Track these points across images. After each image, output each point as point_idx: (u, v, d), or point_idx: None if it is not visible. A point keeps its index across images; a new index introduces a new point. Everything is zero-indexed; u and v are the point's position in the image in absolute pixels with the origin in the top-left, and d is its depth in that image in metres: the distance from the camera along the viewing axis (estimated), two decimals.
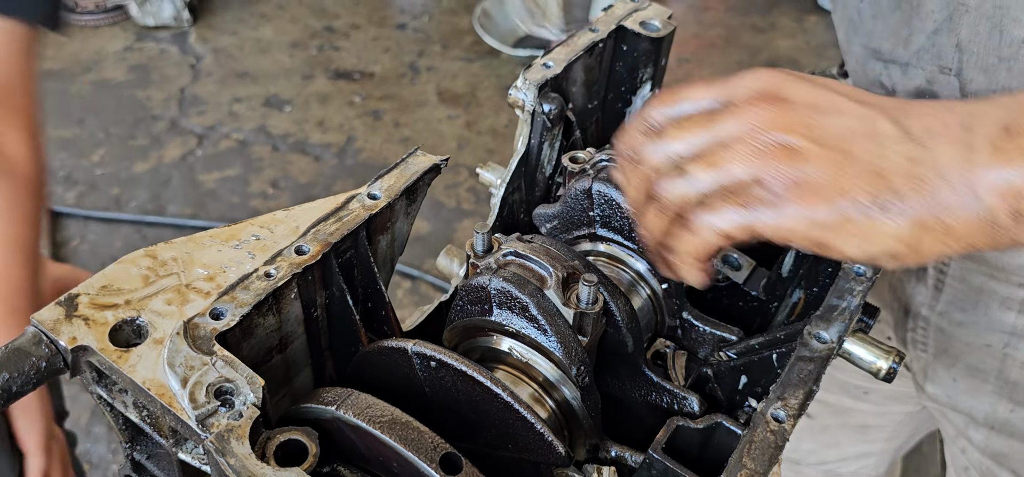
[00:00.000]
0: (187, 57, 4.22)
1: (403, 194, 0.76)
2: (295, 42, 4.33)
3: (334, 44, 4.33)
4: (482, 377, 0.60)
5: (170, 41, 4.33)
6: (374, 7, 4.64)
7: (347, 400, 0.59)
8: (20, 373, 0.60)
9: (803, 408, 0.64)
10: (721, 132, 0.62)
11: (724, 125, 0.62)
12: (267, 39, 4.35)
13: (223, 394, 0.58)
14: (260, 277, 0.67)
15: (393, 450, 0.56)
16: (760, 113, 0.61)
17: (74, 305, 0.64)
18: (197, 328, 0.62)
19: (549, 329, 0.66)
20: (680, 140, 0.63)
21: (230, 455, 0.55)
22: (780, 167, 0.60)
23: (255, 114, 3.79)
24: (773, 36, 4.35)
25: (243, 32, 4.40)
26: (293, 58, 4.21)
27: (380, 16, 4.57)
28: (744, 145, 0.61)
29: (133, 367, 0.60)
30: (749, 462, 0.60)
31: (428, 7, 4.63)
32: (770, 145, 0.60)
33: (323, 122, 3.79)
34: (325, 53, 4.26)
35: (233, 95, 3.91)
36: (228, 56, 4.22)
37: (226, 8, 4.61)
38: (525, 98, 0.90)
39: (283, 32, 4.41)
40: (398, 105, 3.90)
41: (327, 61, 4.19)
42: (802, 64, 4.03)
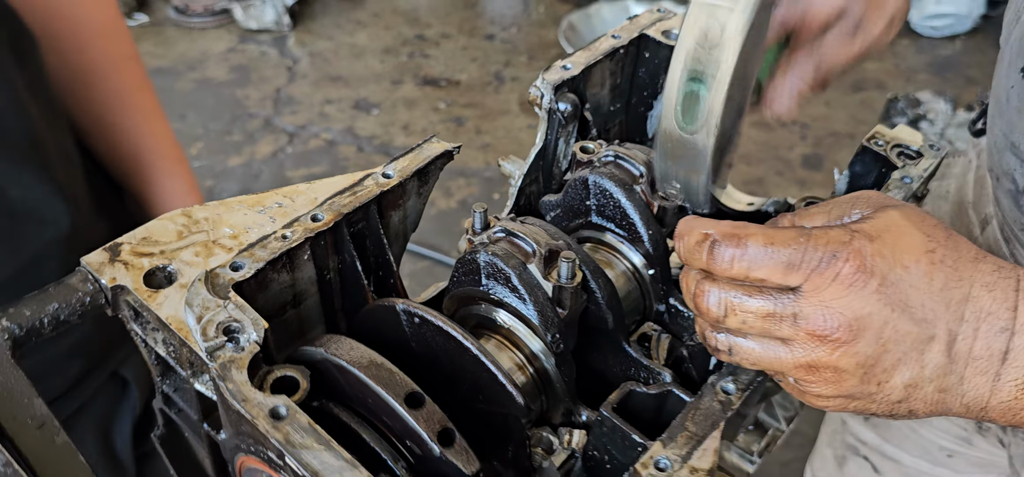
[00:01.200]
0: (285, 59, 4.44)
1: (415, 175, 0.84)
2: (387, 48, 4.50)
3: (424, 52, 4.48)
4: (455, 331, 0.67)
5: (270, 44, 4.57)
6: (465, 18, 4.79)
7: (334, 343, 0.67)
8: (68, 305, 0.71)
9: (753, 385, 0.68)
10: (783, 328, 0.62)
11: (785, 319, 0.61)
12: (361, 45, 4.54)
13: (230, 331, 0.67)
14: (277, 238, 0.76)
15: (368, 388, 0.64)
16: (824, 337, 0.61)
17: (117, 252, 0.74)
18: (217, 277, 0.72)
19: (528, 298, 0.73)
20: (737, 315, 0.63)
21: (230, 381, 0.64)
22: (824, 382, 0.62)
23: (344, 116, 3.96)
24: None
25: (339, 37, 4.61)
26: (384, 64, 4.38)
27: (471, 26, 4.71)
28: (799, 348, 0.61)
29: (160, 305, 0.70)
30: (692, 426, 0.65)
31: (518, 19, 4.74)
32: (824, 366, 0.62)
33: (408, 126, 3.93)
34: (415, 60, 4.41)
35: (325, 97, 4.10)
36: (323, 60, 4.42)
37: (325, 13, 4.83)
38: (543, 96, 0.97)
39: (376, 38, 4.59)
40: (481, 113, 4.01)
41: (416, 68, 4.35)
42: (889, 86, 3.95)
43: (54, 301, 0.70)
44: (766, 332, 0.62)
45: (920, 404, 0.62)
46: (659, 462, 0.62)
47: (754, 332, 0.63)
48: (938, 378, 0.61)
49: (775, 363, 0.63)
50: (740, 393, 0.68)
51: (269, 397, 0.63)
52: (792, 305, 0.61)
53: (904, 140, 0.94)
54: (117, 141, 1.27)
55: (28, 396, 0.66)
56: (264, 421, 0.62)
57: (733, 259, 0.61)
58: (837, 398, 0.63)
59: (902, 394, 0.62)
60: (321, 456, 0.60)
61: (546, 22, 4.63)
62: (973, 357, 0.62)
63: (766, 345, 0.63)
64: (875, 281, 0.60)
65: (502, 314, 0.77)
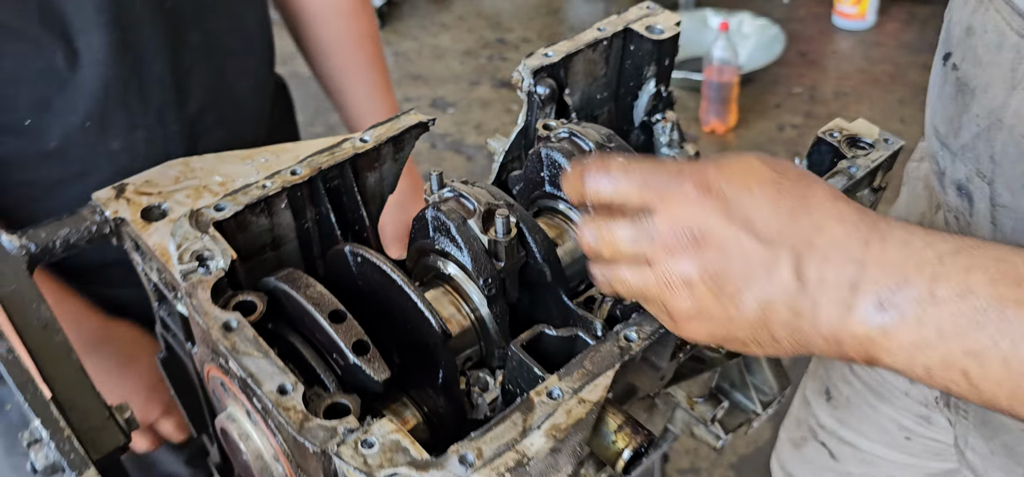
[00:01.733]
0: None
1: (389, 142, 0.94)
2: (468, 50, 4.65)
3: (503, 55, 4.61)
4: (384, 266, 0.77)
5: None
6: (547, 23, 4.89)
7: (287, 275, 0.78)
8: (77, 231, 0.84)
9: (655, 335, 0.76)
10: (641, 247, 0.68)
11: (643, 239, 0.68)
12: (443, 46, 4.69)
13: (202, 258, 0.78)
14: (258, 187, 0.87)
15: (303, 308, 0.74)
16: (673, 249, 0.67)
17: (123, 190, 0.87)
18: (201, 215, 0.83)
19: (465, 248, 0.82)
20: (610, 229, 0.70)
21: (195, 298, 0.75)
22: (680, 300, 0.68)
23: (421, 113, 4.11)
24: None
25: (423, 38, 4.78)
26: (464, 65, 4.52)
27: (551, 32, 4.81)
28: (656, 269, 0.68)
29: (150, 235, 0.82)
30: (589, 364, 0.73)
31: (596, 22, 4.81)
32: (676, 282, 0.67)
33: (480, 125, 4.06)
34: (493, 63, 4.54)
35: (405, 95, 4.27)
36: (406, 59, 4.60)
37: (412, 15, 5.01)
38: (523, 80, 1.05)
39: (458, 41, 4.74)
40: None
41: (494, 70, 4.47)
42: None
43: (67, 227, 0.84)
44: (633, 257, 0.69)
45: (779, 328, 0.65)
46: (552, 392, 0.70)
47: (624, 259, 0.70)
48: (789, 299, 0.64)
49: (643, 287, 0.70)
50: (641, 341, 0.75)
51: (223, 312, 0.74)
52: (649, 225, 0.67)
53: (859, 132, 0.99)
54: (345, 106, 1.47)
55: (36, 302, 0.79)
56: (217, 332, 0.73)
57: (599, 181, 0.69)
58: (700, 321, 0.68)
59: (757, 314, 0.65)
60: (259, 362, 0.70)
61: None
62: (824, 283, 0.64)
63: (634, 270, 0.69)
64: (717, 199, 0.65)
65: (450, 266, 0.86)
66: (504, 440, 0.67)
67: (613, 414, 0.72)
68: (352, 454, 0.65)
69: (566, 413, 0.69)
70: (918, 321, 0.62)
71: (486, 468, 0.65)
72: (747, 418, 1.23)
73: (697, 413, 1.06)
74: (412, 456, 0.65)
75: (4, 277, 0.79)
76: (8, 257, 0.80)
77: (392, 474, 0.64)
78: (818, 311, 0.65)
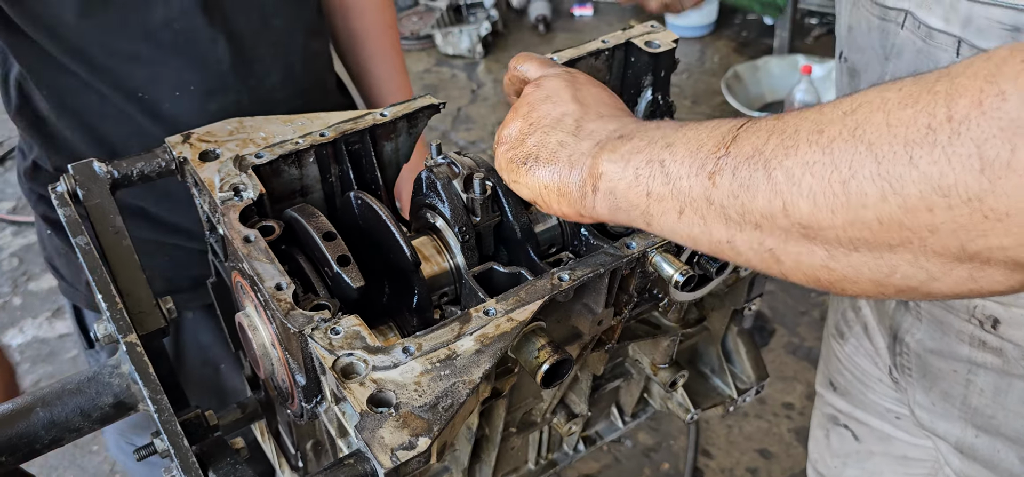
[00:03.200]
0: (471, 82, 4.90)
1: (405, 118, 1.14)
2: None
3: None
4: (373, 203, 0.96)
5: (462, 68, 5.06)
6: None
7: (301, 208, 0.98)
8: (149, 165, 1.06)
9: (585, 279, 0.91)
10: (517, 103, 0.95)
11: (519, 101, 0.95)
12: None
13: (237, 190, 0.99)
14: (292, 143, 1.08)
15: (307, 231, 0.94)
16: (524, 97, 0.94)
17: (188, 137, 1.09)
18: (243, 159, 1.05)
19: (446, 201, 1.00)
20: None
21: (227, 217, 0.96)
22: (512, 130, 0.91)
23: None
24: None
25: None
26: None
27: None
28: (514, 114, 0.93)
29: (204, 172, 1.04)
30: (524, 294, 0.89)
31: (691, 65, 4.94)
32: (512, 111, 0.93)
33: None
34: None
35: (498, 119, 4.50)
36: None
37: (516, 45, 5.27)
38: None
39: None
40: None
41: None
42: None
43: (143, 161, 1.06)
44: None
45: (545, 151, 0.87)
46: (488, 310, 0.87)
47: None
48: (564, 133, 0.87)
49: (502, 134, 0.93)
50: (571, 281, 0.91)
51: (246, 229, 0.94)
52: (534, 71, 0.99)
53: None
54: (369, 86, 1.74)
55: (112, 213, 1.02)
56: (239, 242, 0.93)
57: (514, 62, 1.02)
58: (504, 139, 0.91)
59: (540, 137, 0.88)
60: (265, 266, 0.90)
61: (717, 71, 4.79)
62: (593, 133, 0.85)
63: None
64: (560, 72, 0.97)
65: (438, 219, 1.05)
66: (441, 340, 0.84)
67: (541, 336, 0.89)
68: (322, 337, 0.84)
69: (495, 327, 0.86)
70: (641, 134, 0.79)
71: (422, 358, 0.83)
72: (722, 400, 1.36)
73: (659, 379, 1.20)
74: (367, 343, 0.83)
75: (92, 193, 1.02)
76: (97, 178, 1.03)
77: (349, 354, 0.82)
78: (576, 148, 0.85)
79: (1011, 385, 1.12)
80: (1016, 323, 1.07)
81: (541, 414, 1.19)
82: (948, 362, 1.20)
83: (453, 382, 0.80)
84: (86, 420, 0.92)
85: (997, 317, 1.08)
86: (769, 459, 2.71)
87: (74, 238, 0.96)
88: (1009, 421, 1.15)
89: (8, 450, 0.88)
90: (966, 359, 1.17)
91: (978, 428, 1.21)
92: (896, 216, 0.58)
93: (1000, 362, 1.11)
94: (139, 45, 1.30)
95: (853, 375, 1.47)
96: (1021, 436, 1.15)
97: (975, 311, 1.10)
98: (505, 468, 1.26)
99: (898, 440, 1.48)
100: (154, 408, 0.84)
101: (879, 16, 1.07)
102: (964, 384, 1.19)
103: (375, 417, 0.76)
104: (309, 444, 1.11)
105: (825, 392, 1.58)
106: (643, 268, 0.97)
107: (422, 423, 0.76)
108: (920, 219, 0.57)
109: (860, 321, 1.43)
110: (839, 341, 1.50)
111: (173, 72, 1.33)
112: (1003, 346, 1.09)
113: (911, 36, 1.01)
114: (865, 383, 1.44)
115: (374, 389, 0.79)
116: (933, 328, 1.21)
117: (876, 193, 0.58)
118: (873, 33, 1.08)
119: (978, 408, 1.19)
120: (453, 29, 5.16)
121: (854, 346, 1.46)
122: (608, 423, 1.34)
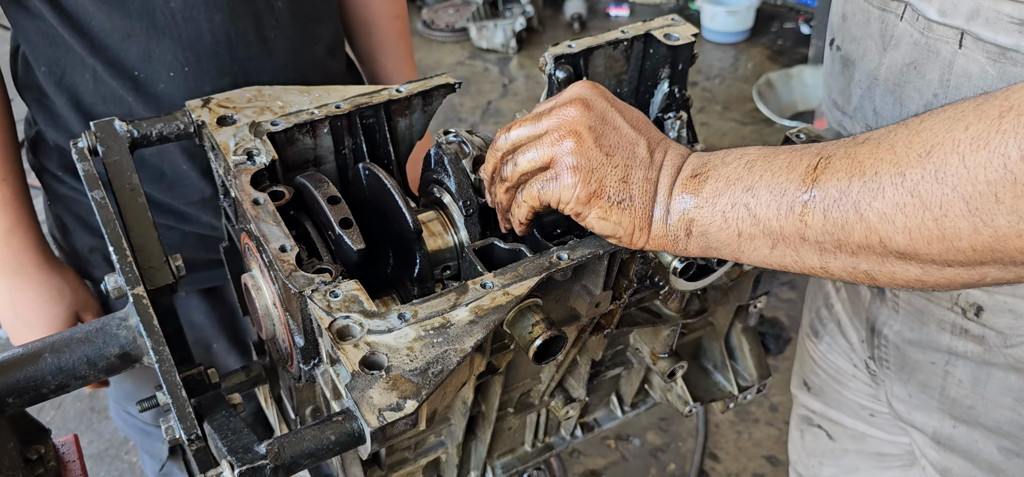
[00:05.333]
0: (503, 77, 4.92)
1: (420, 95, 1.16)
2: None
3: None
4: (379, 172, 0.98)
5: (495, 63, 5.07)
6: None
7: (309, 175, 1.00)
8: (168, 127, 1.09)
9: (584, 260, 0.92)
10: (541, 126, 0.88)
11: (543, 121, 0.88)
12: None
13: (251, 154, 1.02)
14: (308, 113, 1.10)
15: (314, 197, 0.96)
16: (568, 111, 0.86)
17: (208, 102, 1.11)
18: (259, 126, 1.07)
19: (453, 175, 1.02)
20: (518, 129, 0.90)
21: (238, 179, 0.98)
22: (568, 150, 0.85)
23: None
24: None
25: None
26: None
27: None
28: (550, 135, 0.86)
29: (221, 137, 1.06)
30: (521, 269, 0.91)
31: (724, 71, 4.91)
32: (568, 136, 0.85)
33: None
34: None
35: None
36: (536, 83, 4.85)
37: (551, 41, 5.27)
38: (547, 64, 1.25)
39: None
40: None
41: None
42: None
43: (162, 123, 1.09)
44: (531, 136, 0.89)
45: (635, 186, 0.84)
46: (485, 283, 0.89)
47: (525, 141, 0.89)
48: (644, 169, 0.85)
49: (537, 155, 0.87)
50: (570, 261, 0.92)
51: (255, 192, 0.97)
52: (554, 101, 0.89)
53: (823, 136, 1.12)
54: (376, 73, 1.77)
55: (130, 171, 1.04)
56: (248, 204, 0.96)
57: (500, 135, 0.92)
58: (576, 170, 0.84)
59: (623, 172, 0.84)
60: (272, 228, 0.93)
61: (750, 77, 4.76)
62: (666, 165, 0.86)
63: (530, 147, 0.88)
64: (598, 90, 0.89)
65: (445, 194, 1.06)
66: (437, 308, 0.86)
67: (536, 312, 0.90)
68: (321, 298, 0.86)
69: (491, 299, 0.87)
70: (715, 174, 0.82)
71: (417, 325, 0.84)
72: (722, 396, 1.36)
73: (659, 368, 1.21)
74: (364, 307, 0.85)
75: (111, 150, 1.05)
76: (117, 136, 1.06)
77: (346, 316, 0.84)
78: (659, 184, 0.85)
79: (990, 375, 1.12)
80: (999, 310, 1.07)
81: (539, 396, 1.20)
82: (926, 353, 1.20)
83: (445, 349, 0.82)
84: (92, 368, 0.95)
85: (981, 305, 1.09)
86: (777, 466, 2.69)
87: (91, 192, 0.99)
88: (988, 411, 1.15)
89: (16, 393, 0.91)
90: (945, 349, 1.17)
91: (956, 419, 1.21)
92: (988, 244, 0.66)
93: (981, 350, 1.12)
94: (134, 22, 1.30)
95: (827, 374, 1.48)
96: (1000, 425, 1.15)
97: (958, 299, 1.11)
98: (501, 448, 1.27)
99: (872, 437, 1.49)
100: (156, 358, 0.86)
101: (879, 6, 1.08)
102: (942, 375, 1.20)
103: (366, 378, 0.78)
104: (309, 409, 1.14)
105: (799, 393, 1.60)
106: (643, 254, 0.97)
107: (411, 386, 0.78)
108: (1011, 244, 0.65)
109: (833, 318, 1.44)
110: (813, 340, 1.50)
111: (168, 51, 1.32)
112: (985, 333, 1.10)
113: (909, 28, 1.03)
114: (840, 381, 1.46)
115: (367, 351, 0.81)
116: (912, 319, 1.20)
117: (969, 228, 0.66)
118: (872, 24, 1.09)
119: (956, 399, 1.19)
120: (488, 23, 5.18)
121: (828, 344, 1.46)
122: (607, 411, 1.35)
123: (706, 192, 0.82)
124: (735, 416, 2.87)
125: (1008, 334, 1.08)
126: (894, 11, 1.05)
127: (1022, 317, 1.06)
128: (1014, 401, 1.13)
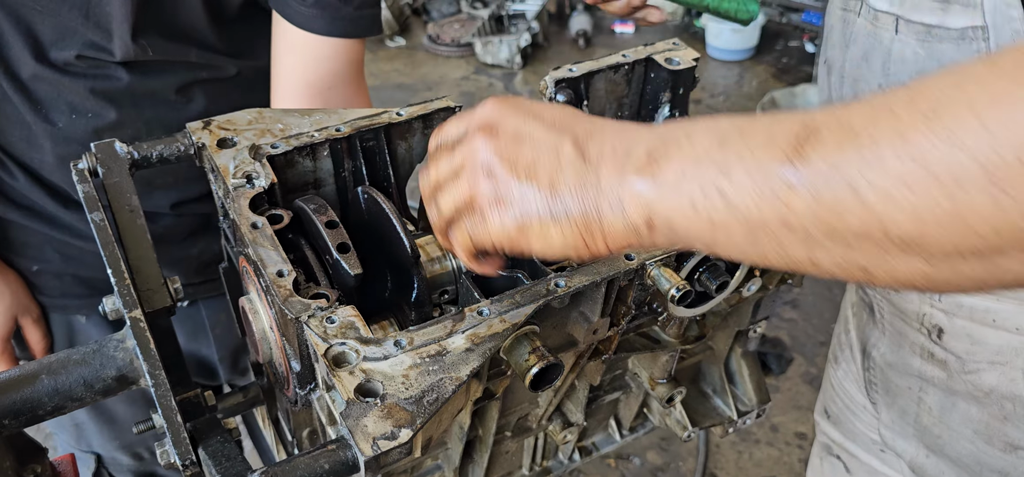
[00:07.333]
0: (508, 93, 4.93)
1: (420, 118, 1.16)
2: None
3: None
4: (379, 199, 0.98)
5: (499, 78, 5.09)
6: None
7: (308, 197, 1.00)
8: (169, 149, 1.09)
9: (581, 287, 0.92)
10: (455, 161, 0.81)
11: (456, 155, 0.81)
12: None
13: (250, 177, 1.02)
14: (308, 136, 1.10)
15: (312, 221, 0.96)
16: (475, 144, 0.79)
17: (208, 124, 1.12)
18: (259, 149, 1.07)
19: None
20: (435, 168, 0.84)
21: (237, 203, 0.99)
22: (484, 189, 0.78)
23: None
24: None
25: None
26: None
27: None
28: (465, 172, 0.80)
29: (220, 159, 1.07)
30: (519, 297, 0.91)
31: (729, 88, 4.92)
32: (479, 172, 0.78)
33: None
34: None
35: None
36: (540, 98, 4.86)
37: (556, 58, 5.29)
38: (547, 87, 1.25)
39: None
40: None
41: None
42: None
43: (162, 144, 1.09)
44: (449, 173, 0.82)
45: (570, 200, 0.73)
46: (482, 311, 0.89)
47: (444, 179, 0.83)
48: (576, 174, 0.73)
49: (457, 196, 0.81)
50: (567, 288, 0.92)
51: (254, 215, 0.97)
52: (465, 125, 0.82)
53: None
54: None
55: (129, 192, 1.05)
56: (246, 227, 0.96)
57: (421, 175, 0.88)
58: (502, 207, 0.77)
59: (550, 184, 0.74)
60: (269, 253, 0.93)
61: (754, 95, 4.77)
62: (602, 156, 0.73)
63: (452, 188, 0.82)
64: (507, 105, 0.80)
65: None
66: (433, 335, 0.86)
67: (532, 340, 0.90)
68: (317, 324, 0.86)
69: (488, 327, 0.87)
70: (679, 153, 0.68)
71: (413, 352, 0.84)
72: (721, 421, 1.36)
73: (657, 393, 1.20)
74: (360, 334, 0.85)
75: (111, 171, 1.05)
76: (117, 157, 1.06)
77: (342, 343, 0.84)
78: (601, 178, 0.72)
79: (955, 404, 1.12)
80: (957, 334, 1.06)
81: (537, 420, 1.20)
82: (904, 378, 1.19)
83: (440, 377, 0.81)
84: (89, 390, 0.95)
85: (941, 327, 1.08)
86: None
87: (90, 213, 0.99)
88: (953, 442, 1.14)
89: (11, 414, 0.91)
90: (917, 374, 1.16)
91: (928, 448, 1.20)
92: (1013, 221, 0.54)
93: (945, 376, 1.11)
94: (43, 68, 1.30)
95: (843, 402, 1.46)
96: (961, 458, 1.14)
97: (924, 320, 1.10)
98: (498, 471, 1.27)
99: (884, 475, 1.46)
100: (152, 382, 0.86)
101: (841, 7, 1.16)
102: (916, 402, 1.19)
103: (361, 406, 0.78)
104: (305, 432, 1.13)
105: (821, 420, 1.57)
106: (641, 280, 0.97)
107: (406, 415, 0.78)
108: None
109: (849, 342, 1.41)
110: (834, 366, 1.49)
111: (76, 97, 1.33)
112: (947, 358, 1.09)
113: (863, 22, 1.09)
114: (853, 411, 1.43)
115: (363, 379, 0.80)
116: (892, 340, 1.20)
117: (989, 202, 0.54)
118: (837, 26, 1.18)
119: (927, 427, 1.18)
120: (493, 38, 5.20)
121: (845, 370, 1.45)
122: (606, 435, 1.35)
123: (668, 176, 0.68)
124: (736, 436, 2.86)
125: (966, 359, 1.07)
126: (853, 9, 1.13)
127: (979, 343, 1.05)
128: (973, 433, 1.11)
